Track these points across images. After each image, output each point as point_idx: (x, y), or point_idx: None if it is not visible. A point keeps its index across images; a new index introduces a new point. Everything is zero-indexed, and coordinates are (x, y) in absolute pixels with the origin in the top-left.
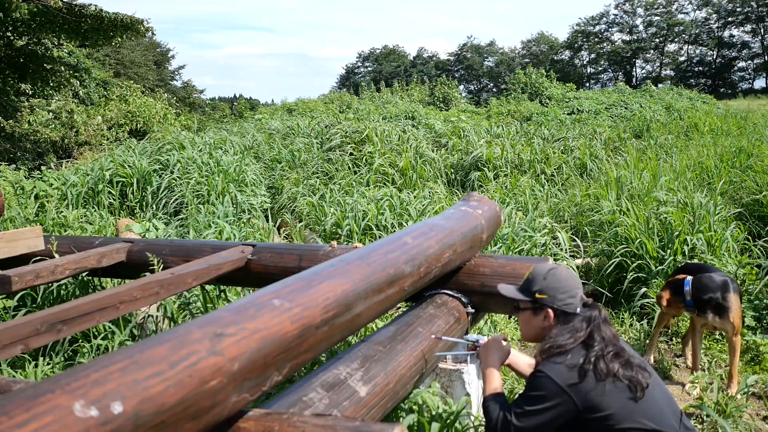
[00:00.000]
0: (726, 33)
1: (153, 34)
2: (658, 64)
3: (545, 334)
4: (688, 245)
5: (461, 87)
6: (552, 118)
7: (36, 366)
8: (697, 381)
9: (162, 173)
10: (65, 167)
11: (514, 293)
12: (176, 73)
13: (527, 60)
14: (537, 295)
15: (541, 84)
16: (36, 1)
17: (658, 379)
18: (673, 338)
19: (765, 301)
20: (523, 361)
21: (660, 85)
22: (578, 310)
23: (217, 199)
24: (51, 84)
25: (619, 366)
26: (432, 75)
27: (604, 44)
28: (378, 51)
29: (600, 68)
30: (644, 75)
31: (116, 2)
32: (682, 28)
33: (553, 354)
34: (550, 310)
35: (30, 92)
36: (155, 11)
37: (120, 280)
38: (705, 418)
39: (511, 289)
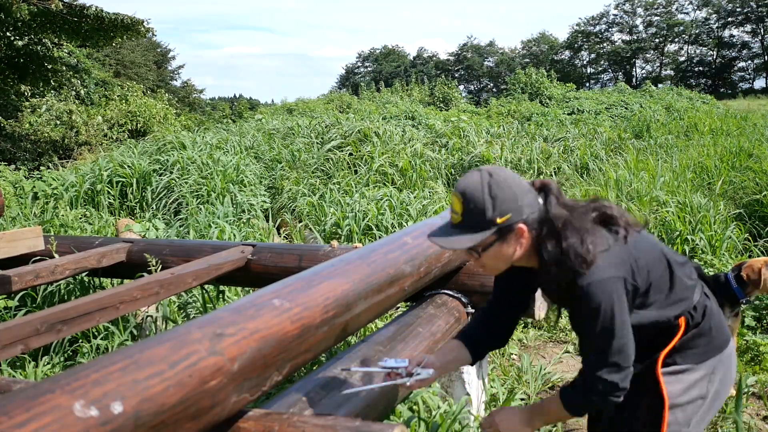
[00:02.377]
0: (726, 33)
1: (153, 34)
2: (658, 64)
3: (523, 254)
4: (688, 245)
5: (461, 87)
6: (552, 118)
7: (36, 366)
8: None
9: (162, 173)
10: (65, 167)
11: (471, 239)
12: (176, 73)
13: (527, 60)
14: (500, 220)
15: (541, 84)
16: (36, 1)
17: None
18: None
19: (765, 301)
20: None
21: (660, 85)
22: (541, 202)
23: (217, 199)
24: (52, 84)
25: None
26: (432, 75)
27: (604, 44)
28: (378, 51)
29: (600, 68)
30: (644, 75)
31: (116, 2)
32: (682, 28)
33: (584, 263)
34: (521, 226)
35: (30, 92)
36: (155, 11)
37: (120, 280)
38: None
39: (461, 238)
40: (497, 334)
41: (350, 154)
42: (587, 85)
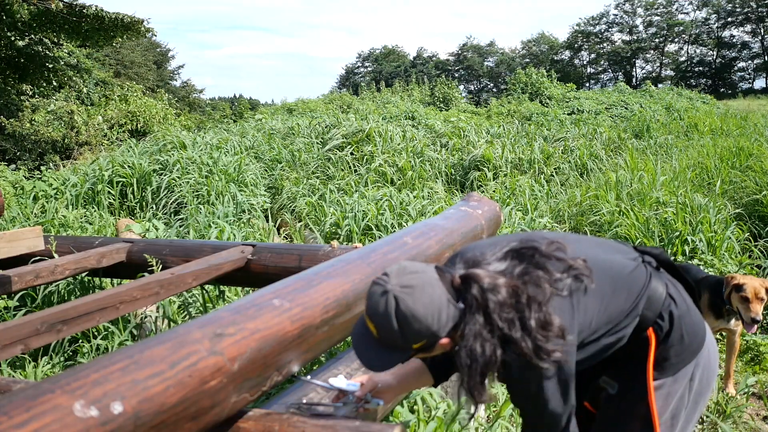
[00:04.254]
0: (726, 33)
1: (154, 34)
2: (658, 64)
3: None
4: (688, 245)
5: (461, 87)
6: (552, 118)
7: (36, 366)
8: None
9: (162, 173)
10: (65, 167)
11: (389, 360)
12: (176, 73)
13: (527, 60)
14: (415, 346)
15: (541, 84)
16: (37, 1)
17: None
18: None
19: None
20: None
21: (660, 85)
22: (459, 308)
23: (217, 199)
24: (53, 84)
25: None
26: (432, 75)
27: (604, 44)
28: (378, 51)
29: (600, 68)
30: (644, 75)
31: (116, 2)
32: (682, 28)
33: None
34: (442, 341)
35: (30, 92)
36: (155, 11)
37: (120, 280)
38: (705, 418)
39: (381, 357)
40: None
41: (351, 154)
42: (587, 85)
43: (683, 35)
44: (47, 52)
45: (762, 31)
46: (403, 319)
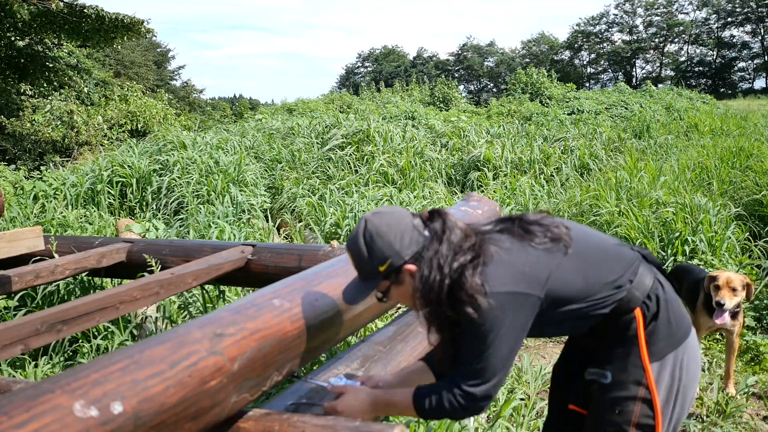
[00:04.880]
0: (726, 33)
1: (154, 35)
2: (658, 64)
3: None
4: (688, 245)
5: (461, 87)
6: (552, 118)
7: (36, 366)
8: None
9: (162, 173)
10: (65, 167)
11: (363, 289)
12: (176, 73)
13: (527, 60)
14: (381, 268)
15: (541, 84)
16: (37, 1)
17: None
18: None
19: (765, 301)
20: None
21: (660, 86)
22: (425, 236)
23: (217, 199)
24: (53, 84)
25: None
26: (432, 75)
27: (604, 44)
28: (378, 51)
29: (600, 68)
30: (644, 75)
31: (116, 2)
32: (682, 28)
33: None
34: (408, 267)
35: (31, 93)
36: (155, 11)
37: (120, 280)
38: (705, 418)
39: (357, 289)
40: None
41: (350, 154)
42: (587, 85)
43: (683, 35)
44: (47, 52)
45: (762, 31)
46: (368, 237)
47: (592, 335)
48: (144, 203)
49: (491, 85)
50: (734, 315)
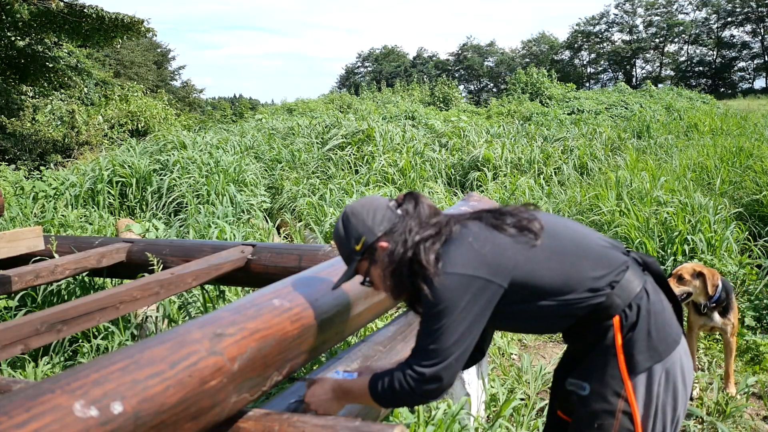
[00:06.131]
0: (726, 33)
1: (154, 35)
2: (658, 64)
3: None
4: (688, 245)
5: (461, 87)
6: (552, 118)
7: (36, 366)
8: (696, 381)
9: (162, 173)
10: (65, 167)
11: (345, 273)
12: (176, 73)
13: (527, 60)
14: (357, 247)
15: (541, 84)
16: (37, 1)
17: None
18: None
19: (765, 301)
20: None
21: (660, 85)
22: (397, 214)
23: (217, 199)
24: (54, 84)
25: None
26: (432, 75)
27: (604, 44)
28: (378, 51)
29: (600, 68)
30: (644, 75)
31: (116, 2)
32: (682, 28)
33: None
34: (381, 243)
35: (31, 93)
36: (155, 11)
37: (120, 280)
38: (705, 418)
39: (341, 274)
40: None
41: (351, 154)
42: (587, 85)
43: (683, 35)
44: (47, 53)
45: (762, 31)
46: (345, 219)
47: (573, 339)
48: (144, 203)
49: (491, 85)
50: (724, 313)
